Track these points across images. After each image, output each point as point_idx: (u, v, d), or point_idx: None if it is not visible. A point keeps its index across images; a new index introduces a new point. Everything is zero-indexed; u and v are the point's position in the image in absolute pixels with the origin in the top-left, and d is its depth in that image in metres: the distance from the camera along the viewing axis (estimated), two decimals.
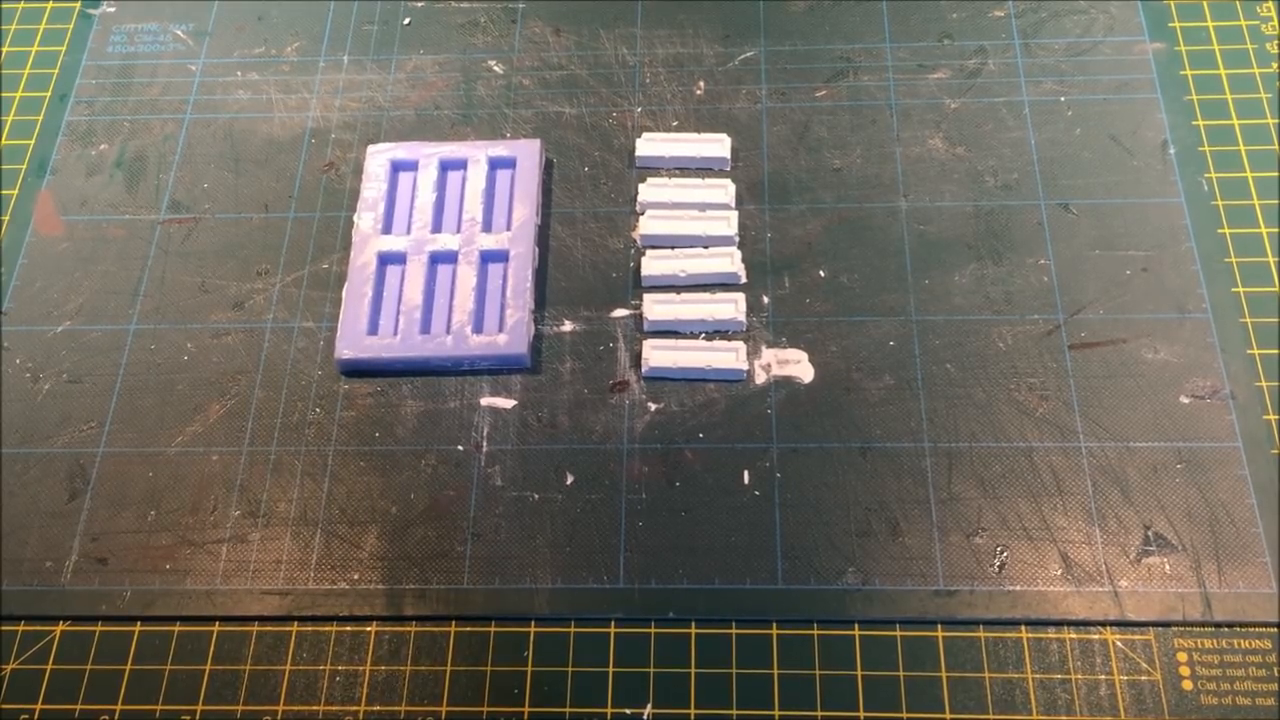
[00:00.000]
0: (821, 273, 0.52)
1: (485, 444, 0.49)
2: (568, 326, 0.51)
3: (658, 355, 0.50)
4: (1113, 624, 0.44)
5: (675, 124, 0.57)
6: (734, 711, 0.43)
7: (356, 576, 0.46)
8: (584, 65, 0.59)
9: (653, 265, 0.52)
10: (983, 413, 0.48)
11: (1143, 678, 0.43)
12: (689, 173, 0.55)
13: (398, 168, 0.55)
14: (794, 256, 0.52)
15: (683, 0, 0.60)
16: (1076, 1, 0.59)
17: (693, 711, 0.43)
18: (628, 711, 0.43)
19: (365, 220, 0.53)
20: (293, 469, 0.49)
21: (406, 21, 0.61)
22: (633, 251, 0.53)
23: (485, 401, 0.50)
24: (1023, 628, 0.44)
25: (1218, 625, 0.44)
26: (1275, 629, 0.43)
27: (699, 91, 0.57)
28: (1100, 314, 0.50)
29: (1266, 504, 0.46)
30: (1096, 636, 0.44)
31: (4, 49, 0.62)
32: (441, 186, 0.55)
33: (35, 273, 0.54)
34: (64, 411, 0.51)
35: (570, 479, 0.48)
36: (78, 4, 0.64)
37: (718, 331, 0.51)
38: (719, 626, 0.45)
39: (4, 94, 0.60)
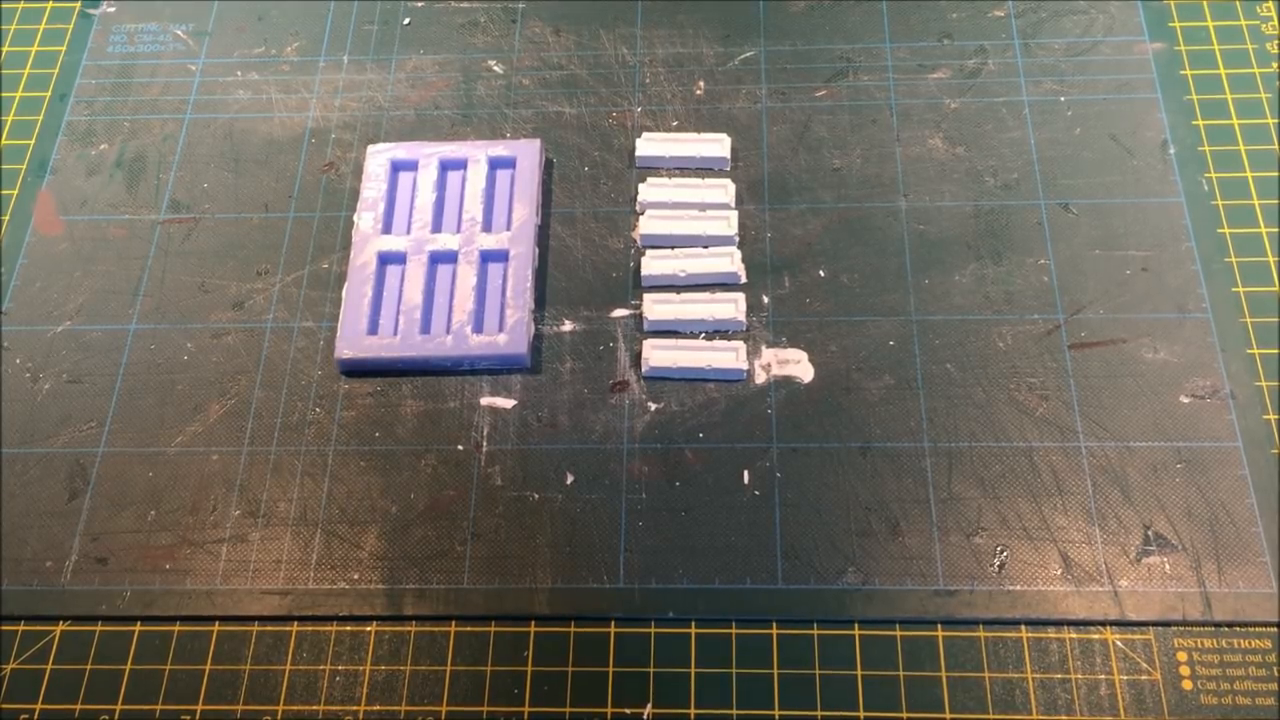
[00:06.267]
0: (821, 273, 0.52)
1: (485, 444, 0.49)
2: (568, 326, 0.51)
3: (658, 355, 0.50)
4: (1113, 624, 0.44)
5: (675, 124, 0.57)
6: (734, 711, 0.43)
7: (356, 576, 0.46)
8: (584, 65, 0.59)
9: (653, 265, 0.52)
10: (983, 413, 0.48)
11: (1143, 677, 0.43)
12: (689, 173, 0.55)
13: (398, 168, 0.55)
14: (794, 256, 0.52)
15: (683, 0, 0.60)
16: (1076, 1, 0.59)
17: (693, 711, 0.43)
18: (628, 711, 0.43)
19: (365, 220, 0.53)
20: (293, 469, 0.49)
21: (406, 21, 0.61)
22: (633, 251, 0.53)
23: (485, 401, 0.50)
24: (1023, 627, 0.44)
25: (1218, 625, 0.44)
26: (1275, 629, 0.43)
27: (699, 91, 0.57)
28: (1100, 314, 0.50)
29: (1266, 504, 0.46)
30: (1096, 636, 0.44)
31: (4, 49, 0.62)
32: (441, 186, 0.55)
33: (35, 273, 0.54)
34: (64, 411, 0.51)
35: (570, 479, 0.48)
36: (78, 4, 0.64)
37: (718, 331, 0.51)
38: (719, 626, 0.45)
39: (4, 94, 0.60)
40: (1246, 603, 0.44)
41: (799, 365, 0.50)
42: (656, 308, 0.51)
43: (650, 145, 0.55)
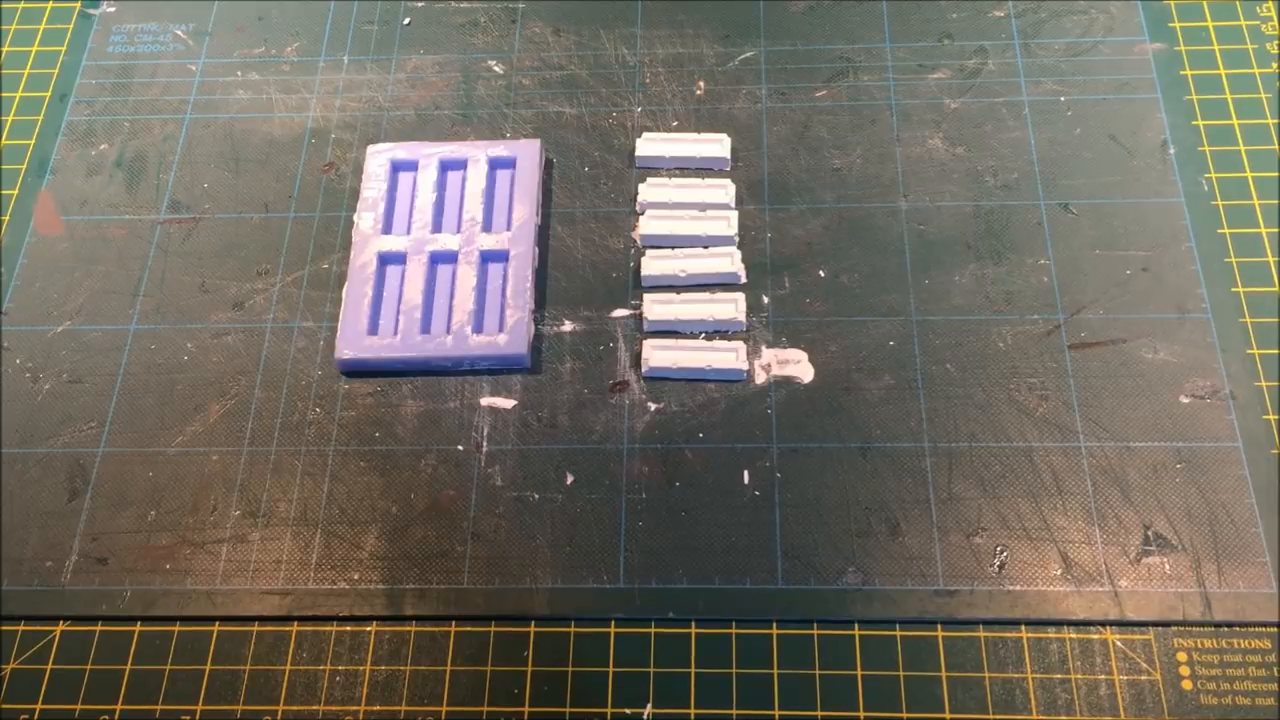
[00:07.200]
0: (821, 273, 0.52)
1: (485, 444, 0.49)
2: (568, 326, 0.51)
3: (658, 355, 0.50)
4: (1113, 624, 0.44)
5: (675, 124, 0.57)
6: (734, 711, 0.43)
7: (356, 576, 0.46)
8: (584, 65, 0.59)
9: (653, 265, 0.52)
10: (983, 413, 0.48)
11: (1143, 678, 0.43)
12: (689, 173, 0.55)
13: (398, 168, 0.55)
14: (794, 256, 0.52)
15: (683, 0, 0.60)
16: (1076, 1, 0.59)
17: (693, 711, 0.43)
18: (628, 711, 0.43)
19: (365, 220, 0.53)
20: (293, 469, 0.49)
21: (406, 21, 0.61)
22: (633, 251, 0.53)
23: (485, 401, 0.50)
24: (1023, 628, 0.44)
25: (1218, 625, 0.44)
26: (1275, 629, 0.43)
27: (699, 91, 0.57)
28: (1100, 314, 0.50)
29: (1266, 504, 0.46)
30: (1096, 636, 0.44)
31: (4, 49, 0.62)
32: (441, 186, 0.55)
33: (35, 273, 0.54)
34: (64, 411, 0.51)
35: (570, 479, 0.48)
36: (78, 4, 0.64)
37: (718, 331, 0.51)
38: (719, 626, 0.45)
39: (4, 94, 0.60)
40: (1246, 603, 0.44)
41: (799, 365, 0.50)
42: (656, 308, 0.51)
43: (650, 145, 0.55)
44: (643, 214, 0.54)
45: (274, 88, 0.59)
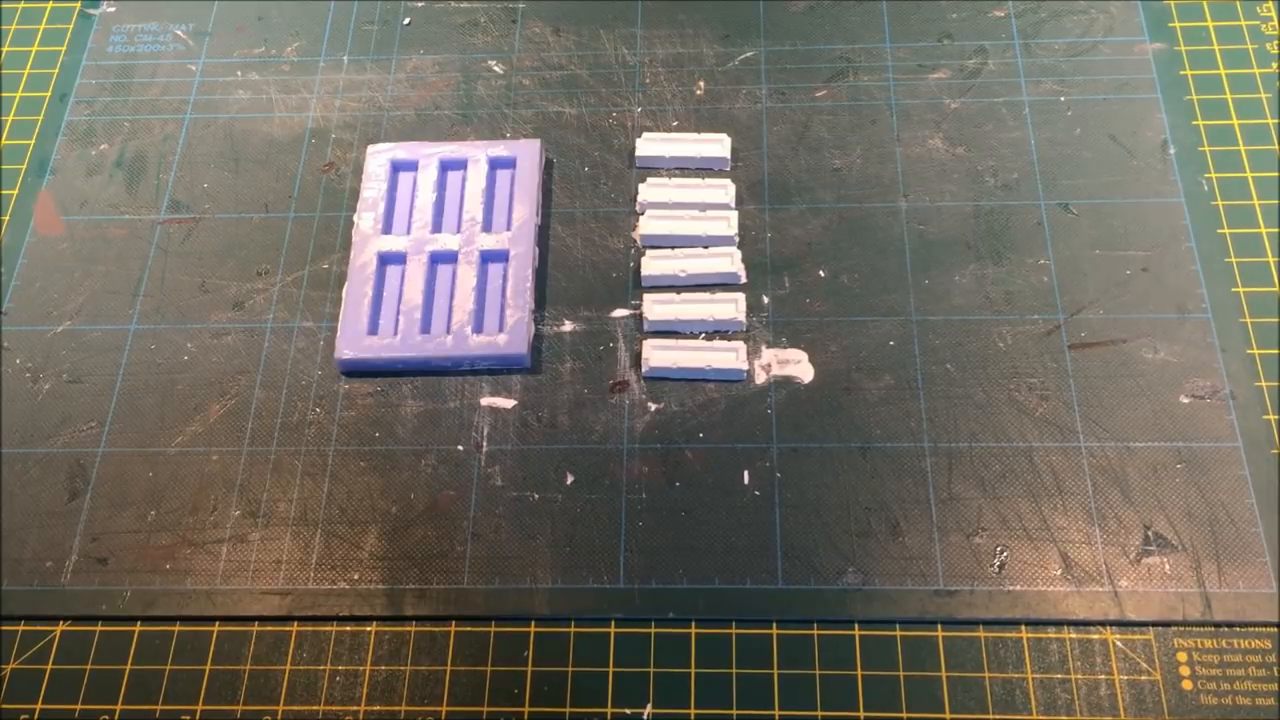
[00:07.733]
0: (821, 273, 0.52)
1: (485, 444, 0.49)
2: (568, 326, 0.51)
3: (658, 355, 0.50)
4: (1113, 624, 0.44)
5: (675, 124, 0.57)
6: (734, 711, 0.43)
7: (356, 576, 0.46)
8: (584, 65, 0.59)
9: (653, 265, 0.52)
10: (983, 413, 0.48)
11: (1143, 678, 0.43)
12: (689, 173, 0.55)
13: (398, 168, 0.55)
14: (794, 256, 0.52)
15: (683, 0, 0.60)
16: (1076, 1, 0.59)
17: (693, 711, 0.43)
18: (628, 711, 0.43)
19: (365, 220, 0.53)
20: (293, 469, 0.49)
21: (406, 21, 0.61)
22: (633, 251, 0.53)
23: (485, 401, 0.50)
24: (1023, 628, 0.44)
25: (1218, 625, 0.44)
26: (1275, 629, 0.43)
27: (699, 91, 0.57)
28: (1100, 314, 0.50)
29: (1266, 504, 0.46)
30: (1096, 636, 0.44)
31: (4, 49, 0.62)
32: (441, 186, 0.55)
33: (35, 273, 0.54)
34: (64, 411, 0.51)
35: (570, 479, 0.48)
36: (78, 4, 0.64)
37: (718, 331, 0.51)
38: (719, 626, 0.45)
39: (4, 94, 0.60)
40: (1246, 603, 0.44)
41: (799, 365, 0.50)
42: (656, 308, 0.51)
43: (650, 145, 0.55)
44: (643, 214, 0.54)
45: (274, 88, 0.59)
